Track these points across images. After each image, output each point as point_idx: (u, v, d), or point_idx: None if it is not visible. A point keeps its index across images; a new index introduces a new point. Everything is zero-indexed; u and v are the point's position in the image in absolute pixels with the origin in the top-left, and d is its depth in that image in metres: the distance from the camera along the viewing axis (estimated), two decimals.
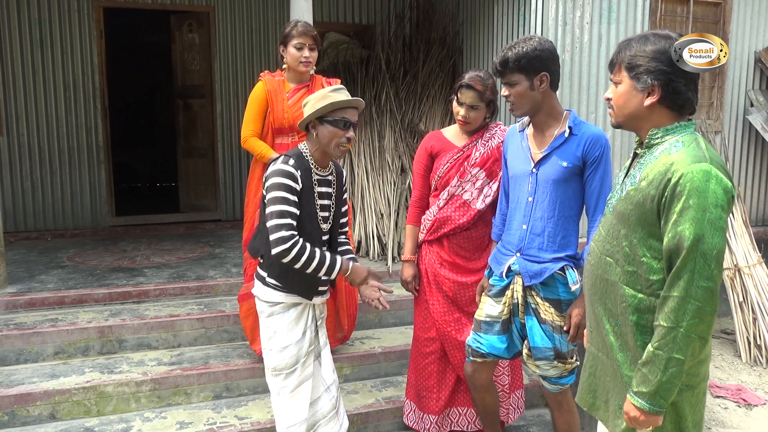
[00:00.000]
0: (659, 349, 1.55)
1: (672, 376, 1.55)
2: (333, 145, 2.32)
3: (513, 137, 2.55)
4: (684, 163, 1.55)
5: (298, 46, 3.09)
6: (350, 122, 2.32)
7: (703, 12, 4.81)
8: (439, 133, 2.92)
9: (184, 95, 6.62)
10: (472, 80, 2.66)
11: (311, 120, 2.33)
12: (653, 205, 1.60)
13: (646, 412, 1.59)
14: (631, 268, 1.67)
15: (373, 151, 5.20)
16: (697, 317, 1.52)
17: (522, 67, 2.29)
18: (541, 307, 2.39)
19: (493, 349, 2.50)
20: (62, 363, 3.40)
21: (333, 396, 2.52)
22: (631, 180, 1.70)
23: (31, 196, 5.82)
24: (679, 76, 1.62)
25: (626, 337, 1.70)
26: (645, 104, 1.67)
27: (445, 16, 5.88)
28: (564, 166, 2.34)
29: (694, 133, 1.65)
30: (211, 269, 4.52)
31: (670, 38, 1.63)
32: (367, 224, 4.79)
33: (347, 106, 2.32)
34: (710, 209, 1.51)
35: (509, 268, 2.44)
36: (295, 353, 2.36)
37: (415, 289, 2.95)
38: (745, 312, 4.39)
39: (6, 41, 5.62)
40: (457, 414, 3.00)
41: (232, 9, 6.27)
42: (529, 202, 2.40)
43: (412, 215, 2.95)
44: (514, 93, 2.34)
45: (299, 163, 2.32)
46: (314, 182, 2.36)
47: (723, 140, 4.98)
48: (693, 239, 1.51)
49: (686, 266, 1.52)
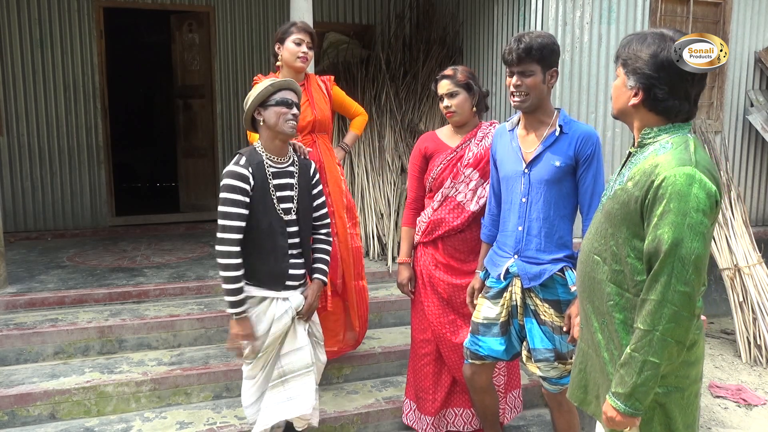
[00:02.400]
0: (635, 352, 1.56)
1: (647, 379, 1.55)
2: (281, 123, 2.42)
3: (502, 137, 2.52)
4: (668, 166, 1.54)
5: (296, 42, 3.06)
6: (291, 100, 2.44)
7: (703, 12, 4.81)
8: (433, 134, 2.91)
9: (184, 95, 6.63)
10: (443, 71, 2.74)
11: (255, 109, 2.45)
12: (637, 206, 1.60)
13: (622, 413, 1.59)
14: (618, 267, 1.67)
15: (373, 151, 5.20)
16: (674, 321, 1.51)
17: (542, 58, 2.26)
18: (540, 308, 2.38)
19: (492, 352, 2.48)
20: (62, 363, 3.40)
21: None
22: (620, 179, 1.70)
23: (31, 196, 5.82)
24: (663, 83, 1.60)
25: (612, 335, 1.70)
26: (629, 103, 1.67)
27: (445, 16, 5.89)
28: (557, 165, 2.32)
29: (687, 134, 1.64)
30: (211, 269, 4.52)
31: (665, 40, 1.61)
32: (367, 224, 4.80)
33: (284, 88, 2.45)
34: (691, 213, 1.50)
35: (507, 270, 2.43)
36: (260, 348, 2.47)
37: (411, 292, 2.95)
38: (745, 312, 4.39)
39: (6, 41, 5.62)
40: (453, 415, 3.00)
41: (232, 9, 6.27)
42: (523, 203, 2.38)
43: (407, 217, 2.95)
44: (529, 83, 2.28)
45: (251, 158, 2.44)
46: (269, 175, 2.45)
47: (723, 140, 4.98)
48: (671, 243, 1.50)
49: (664, 270, 1.52)
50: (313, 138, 3.19)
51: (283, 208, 2.48)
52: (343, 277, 3.23)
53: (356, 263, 3.28)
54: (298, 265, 2.56)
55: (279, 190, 2.48)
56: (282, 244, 2.48)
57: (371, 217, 4.81)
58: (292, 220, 2.52)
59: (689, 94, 1.63)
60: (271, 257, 2.45)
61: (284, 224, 2.49)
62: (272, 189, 2.45)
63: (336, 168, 3.29)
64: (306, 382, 2.53)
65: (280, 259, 2.48)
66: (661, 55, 1.59)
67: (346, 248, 3.24)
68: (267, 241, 2.45)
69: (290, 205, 2.51)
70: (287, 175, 2.52)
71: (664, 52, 1.59)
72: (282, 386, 2.53)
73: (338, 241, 3.21)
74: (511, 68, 2.30)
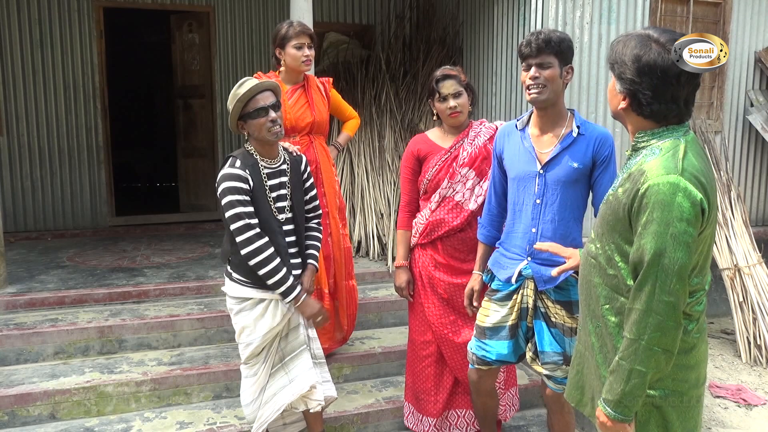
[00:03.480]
0: (623, 360, 1.56)
1: (634, 387, 1.55)
2: (265, 133, 2.41)
3: (511, 136, 2.46)
4: (653, 174, 1.52)
5: (297, 46, 3.07)
6: (267, 107, 2.39)
7: (703, 12, 4.81)
8: (424, 135, 2.90)
9: (184, 95, 6.63)
10: (444, 71, 2.71)
11: (236, 122, 2.44)
12: (625, 214, 1.59)
13: (612, 419, 1.59)
14: (612, 271, 1.66)
15: (373, 151, 5.20)
16: (659, 331, 1.51)
17: (560, 52, 2.24)
18: (551, 310, 2.35)
19: (501, 356, 2.45)
20: (62, 363, 3.40)
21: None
22: (614, 184, 1.69)
23: (31, 196, 5.82)
24: (645, 88, 1.57)
25: (605, 338, 1.70)
26: (619, 107, 1.66)
27: (445, 16, 5.88)
28: (575, 167, 2.29)
29: (680, 138, 1.59)
30: (211, 269, 4.52)
31: (650, 42, 1.57)
32: (367, 224, 4.80)
33: (256, 94, 2.39)
34: (674, 223, 1.48)
35: (519, 272, 2.38)
36: (261, 345, 2.49)
37: (409, 295, 2.94)
38: (745, 312, 4.39)
39: (6, 41, 5.62)
40: (456, 416, 2.99)
41: (232, 9, 6.27)
42: (537, 204, 2.34)
43: (402, 220, 2.93)
44: (548, 75, 2.24)
45: (246, 161, 2.43)
46: (264, 176, 2.45)
47: (723, 140, 4.98)
48: (654, 253, 1.49)
49: (647, 280, 1.51)
50: (310, 139, 3.21)
51: (278, 207, 2.49)
52: (335, 277, 3.31)
53: (347, 263, 3.38)
54: (296, 265, 2.58)
55: (274, 190, 2.49)
56: (282, 243, 2.49)
57: (371, 217, 4.81)
58: (288, 219, 2.54)
59: (677, 97, 1.58)
60: None
61: (281, 223, 2.51)
62: (268, 189, 2.46)
63: (332, 169, 3.31)
64: (303, 359, 2.55)
65: (284, 257, 2.48)
66: (643, 59, 1.56)
67: (338, 249, 3.32)
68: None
69: (285, 203, 2.52)
70: (280, 174, 2.53)
71: (646, 56, 1.56)
72: (283, 369, 2.55)
73: (331, 242, 3.26)
74: (529, 60, 2.26)
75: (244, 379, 2.59)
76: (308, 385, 2.51)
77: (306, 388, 2.51)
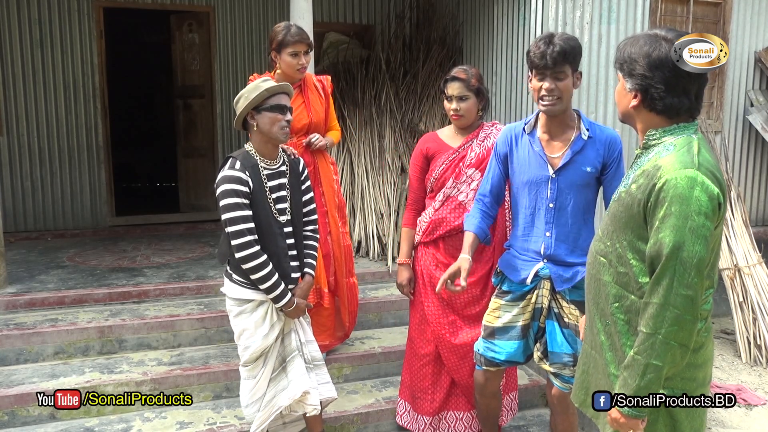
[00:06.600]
0: (638, 354, 1.55)
1: (650, 382, 1.54)
2: (276, 130, 2.41)
3: (519, 139, 2.43)
4: (670, 169, 1.53)
5: (293, 54, 3.04)
6: (287, 106, 2.43)
7: (703, 12, 4.81)
8: (434, 134, 2.90)
9: (184, 95, 6.63)
10: (455, 72, 2.69)
11: (248, 112, 2.42)
12: (640, 210, 1.59)
13: (626, 415, 1.59)
14: (623, 269, 1.67)
15: (373, 151, 5.20)
16: (676, 325, 1.51)
17: (572, 60, 2.23)
18: (565, 310, 2.36)
19: (510, 356, 2.45)
20: (62, 363, 3.40)
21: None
22: (625, 181, 1.69)
23: (31, 196, 5.82)
24: (658, 82, 1.59)
25: (615, 337, 1.70)
26: (630, 106, 1.67)
27: (445, 16, 5.88)
28: (587, 171, 2.30)
29: (692, 135, 1.62)
30: (211, 269, 4.52)
31: (658, 40, 1.60)
32: (367, 224, 4.80)
33: (279, 92, 2.43)
34: (693, 217, 1.49)
35: (536, 273, 2.37)
36: (260, 349, 2.48)
37: (411, 293, 2.94)
38: (745, 312, 4.39)
39: (6, 41, 5.62)
40: (454, 418, 2.98)
41: (232, 9, 6.27)
42: (551, 208, 2.34)
43: (408, 218, 2.94)
44: (563, 86, 2.22)
45: (246, 162, 2.42)
46: (264, 177, 2.44)
47: (723, 140, 4.98)
48: (672, 247, 1.50)
49: (666, 274, 1.51)
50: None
51: (278, 209, 2.49)
52: (335, 274, 3.31)
53: (347, 261, 3.38)
54: (295, 268, 2.58)
55: (274, 191, 2.48)
56: (282, 245, 2.49)
57: (371, 217, 4.81)
58: (288, 221, 2.53)
59: (688, 90, 1.61)
60: (273, 260, 2.45)
61: (281, 225, 2.50)
62: (268, 191, 2.46)
63: (329, 168, 3.30)
64: (296, 365, 2.55)
65: (283, 260, 2.48)
66: (654, 54, 1.58)
67: (338, 247, 3.32)
68: (269, 243, 2.44)
69: (285, 205, 2.52)
70: (280, 176, 2.53)
71: (657, 51, 1.58)
72: (283, 372, 2.55)
73: (331, 240, 3.27)
74: (544, 71, 2.22)
75: (244, 381, 2.59)
76: (301, 391, 2.50)
77: (299, 394, 2.51)
